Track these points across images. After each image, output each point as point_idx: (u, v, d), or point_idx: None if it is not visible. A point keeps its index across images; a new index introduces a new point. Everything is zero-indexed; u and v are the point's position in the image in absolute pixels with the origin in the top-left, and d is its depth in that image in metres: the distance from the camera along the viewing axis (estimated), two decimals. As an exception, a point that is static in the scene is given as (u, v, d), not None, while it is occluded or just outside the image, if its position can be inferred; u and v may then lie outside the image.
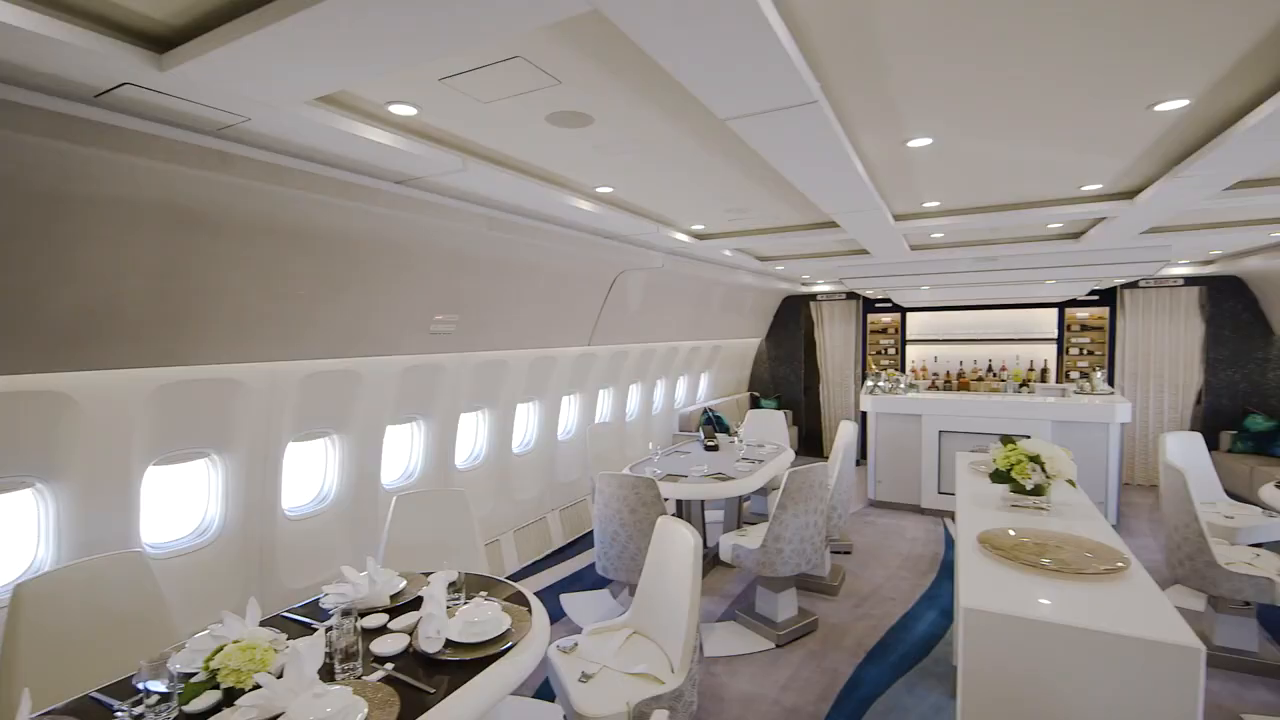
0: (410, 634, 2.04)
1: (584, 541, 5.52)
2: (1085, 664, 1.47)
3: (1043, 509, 2.35)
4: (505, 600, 2.28)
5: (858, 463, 7.91)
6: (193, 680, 1.66)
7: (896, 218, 4.05)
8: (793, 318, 9.28)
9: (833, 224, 4.05)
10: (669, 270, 5.26)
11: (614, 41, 1.64)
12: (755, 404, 9.17)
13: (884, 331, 8.77)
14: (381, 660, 1.90)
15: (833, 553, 5.12)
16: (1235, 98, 2.12)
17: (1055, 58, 1.87)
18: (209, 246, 2.34)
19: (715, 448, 5.21)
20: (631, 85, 1.95)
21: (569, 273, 4.45)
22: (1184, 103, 2.14)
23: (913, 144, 2.53)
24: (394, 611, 2.24)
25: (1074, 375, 7.43)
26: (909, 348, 8.66)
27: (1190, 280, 7.08)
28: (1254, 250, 5.64)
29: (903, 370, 8.58)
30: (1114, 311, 7.48)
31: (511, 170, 2.69)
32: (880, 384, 6.72)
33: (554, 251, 3.98)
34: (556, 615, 4.15)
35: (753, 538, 3.84)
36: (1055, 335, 7.77)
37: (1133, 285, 7.31)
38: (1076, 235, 4.81)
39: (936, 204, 3.78)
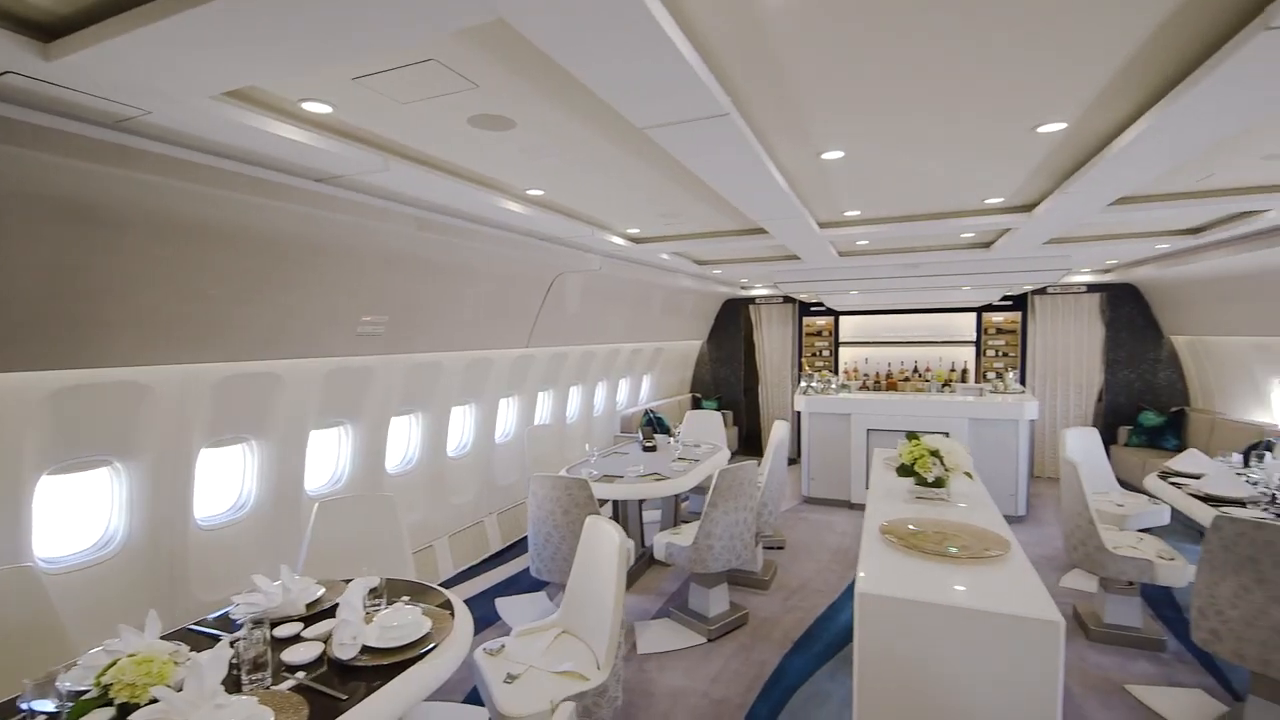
0: (325, 642, 2.00)
1: (522, 545, 5.49)
2: (964, 639, 1.59)
3: (943, 499, 2.52)
4: (428, 604, 2.26)
5: (794, 461, 8.18)
6: (84, 698, 1.58)
7: (821, 225, 4.23)
8: (733, 320, 9.50)
9: (762, 230, 4.20)
10: (607, 273, 5.31)
11: (528, 47, 1.68)
12: (697, 405, 9.34)
13: (819, 334, 9.09)
14: (293, 669, 1.86)
15: (766, 549, 5.28)
16: (1106, 123, 2.34)
17: (948, 82, 2.01)
18: (111, 243, 2.23)
19: (653, 448, 5.29)
20: (551, 91, 1.99)
21: (505, 274, 4.43)
22: (1062, 126, 2.35)
23: (826, 156, 2.67)
24: (310, 620, 2.19)
25: (990, 375, 7.91)
26: (842, 350, 9.01)
27: (1092, 287, 7.66)
28: (1144, 260, 6.16)
29: (836, 372, 8.92)
30: (1025, 316, 8.01)
31: (437, 171, 2.67)
32: (813, 385, 6.97)
33: (489, 253, 3.96)
34: (491, 619, 4.13)
35: (686, 536, 3.92)
36: (974, 338, 8.26)
37: (1041, 291, 7.85)
38: (988, 245, 5.14)
39: (857, 213, 3.97)
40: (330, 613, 2.22)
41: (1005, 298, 7.99)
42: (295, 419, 3.47)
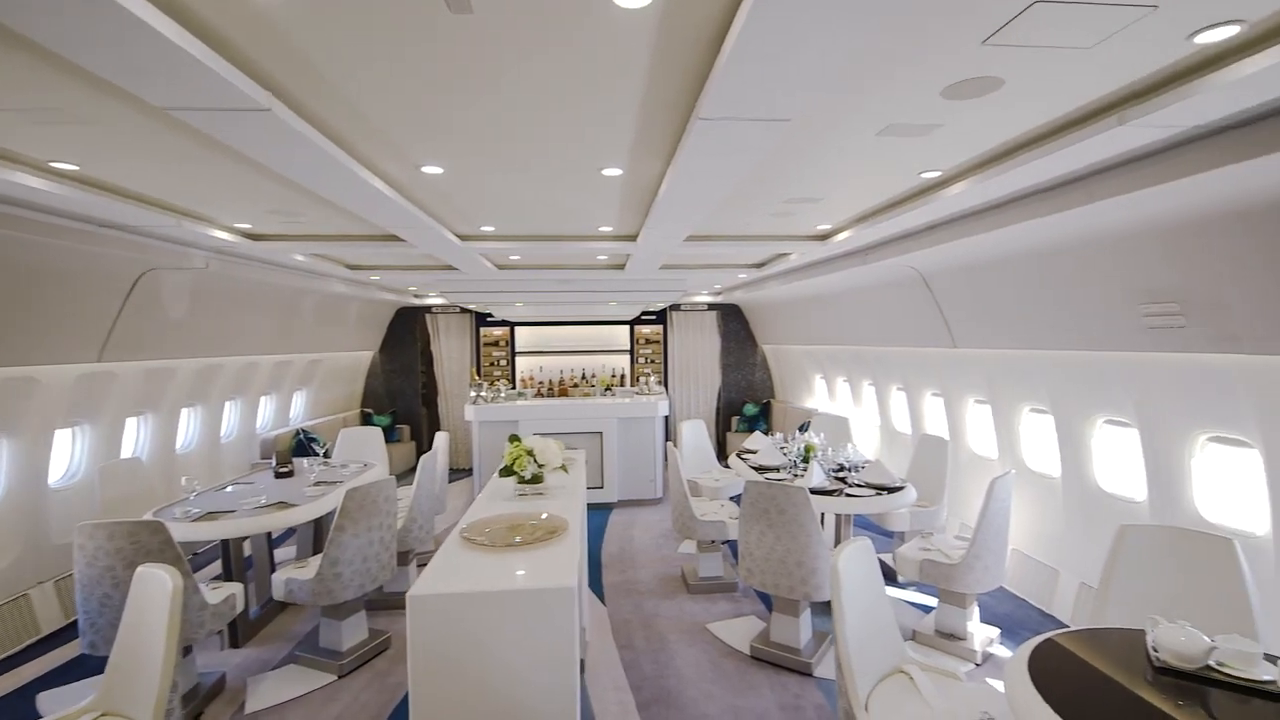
0: None
1: (98, 614, 4.29)
2: (503, 619, 1.77)
3: (541, 494, 2.78)
4: None
5: (469, 471, 8.18)
6: None
7: (461, 238, 4.32)
8: (408, 330, 9.07)
9: (399, 237, 4.08)
10: (223, 273, 4.53)
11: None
12: (367, 421, 8.64)
13: (496, 344, 9.30)
14: None
15: (421, 565, 5.13)
16: (648, 174, 2.90)
17: (525, 124, 2.24)
18: None
19: (289, 474, 4.69)
20: (12, 42, 1.58)
21: (48, 268, 3.42)
22: (620, 171, 2.83)
23: (426, 169, 2.73)
24: None
25: (641, 379, 9.14)
26: (519, 359, 9.38)
27: (711, 306, 9.47)
28: (737, 286, 7.86)
29: (513, 380, 9.23)
30: (666, 329, 9.49)
31: None
32: (482, 394, 7.07)
33: (7, 239, 3.00)
34: (28, 721, 3.13)
35: (311, 568, 3.56)
36: (628, 347, 9.45)
37: (676, 308, 9.40)
38: (621, 267, 5.91)
39: (493, 229, 4.16)
40: None
41: (649, 313, 9.34)
42: None
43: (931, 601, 4.33)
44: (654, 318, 9.43)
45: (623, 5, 1.45)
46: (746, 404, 9.41)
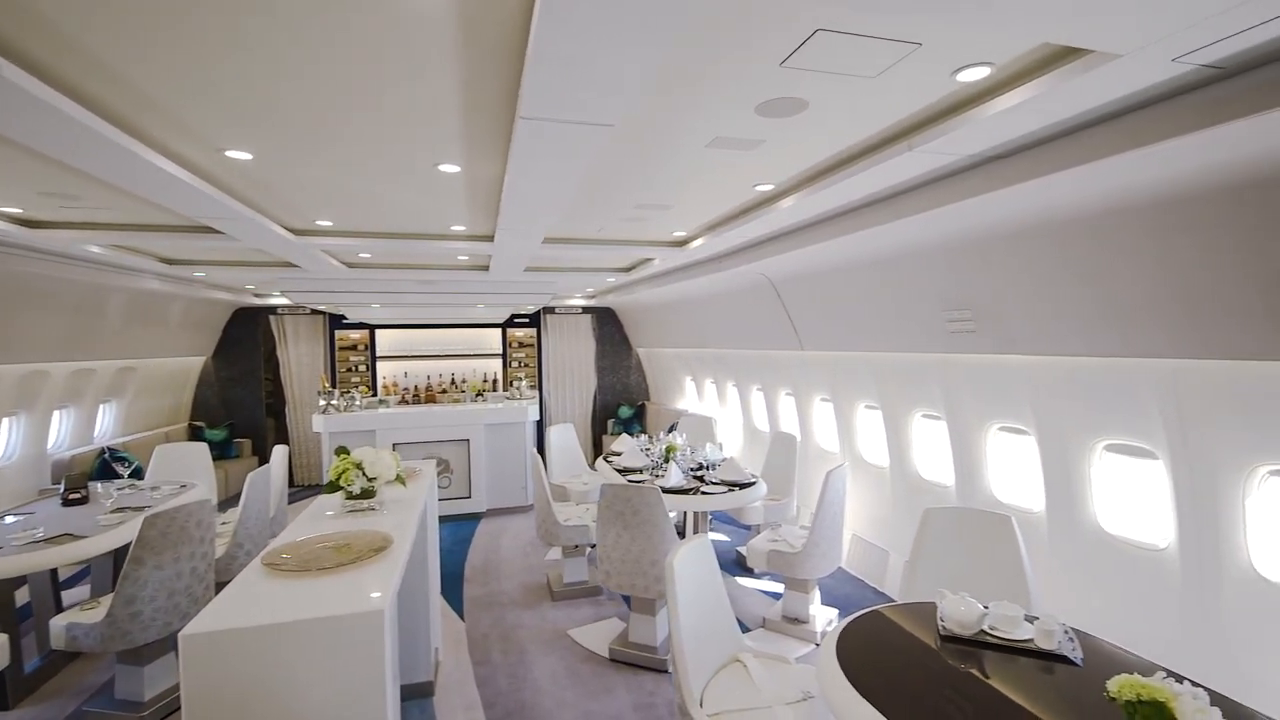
0: None
1: None
2: (300, 653, 1.61)
3: (373, 509, 2.59)
4: None
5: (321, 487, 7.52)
6: None
7: (295, 232, 3.94)
8: (249, 333, 8.18)
9: (214, 229, 3.64)
10: (-12, 266, 3.80)
11: None
12: (197, 435, 7.67)
13: (354, 348, 8.66)
14: None
15: (255, 594, 4.63)
16: (488, 172, 2.81)
17: (340, 108, 2.07)
18: None
19: (81, 500, 4.04)
20: None
21: None
22: (457, 168, 2.72)
23: (231, 154, 2.45)
24: None
25: (513, 384, 8.93)
26: (381, 364, 8.79)
27: (586, 309, 9.46)
28: (609, 290, 7.91)
29: (374, 387, 8.64)
30: (540, 332, 9.35)
31: None
32: (333, 402, 6.54)
33: None
34: None
35: (103, 608, 3.08)
36: (500, 351, 9.20)
37: (551, 311, 9.30)
38: (485, 268, 5.72)
39: (330, 223, 3.84)
40: None
41: (521, 316, 9.15)
42: None
43: (781, 589, 4.60)
44: (527, 320, 9.25)
45: (415, -10, 1.38)
46: (621, 406, 9.51)
